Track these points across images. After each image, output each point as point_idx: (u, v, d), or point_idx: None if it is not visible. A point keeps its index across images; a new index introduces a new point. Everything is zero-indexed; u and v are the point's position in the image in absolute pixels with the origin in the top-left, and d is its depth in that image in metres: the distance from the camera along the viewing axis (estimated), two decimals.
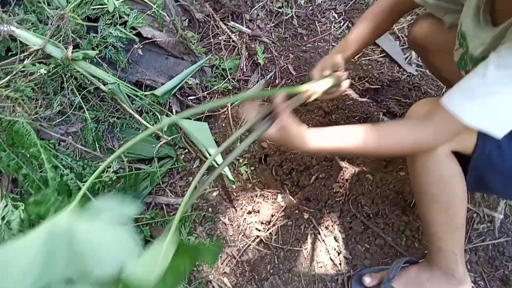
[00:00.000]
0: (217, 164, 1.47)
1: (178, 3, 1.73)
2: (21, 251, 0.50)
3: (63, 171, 1.19)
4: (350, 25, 2.00)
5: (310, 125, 1.62)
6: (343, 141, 0.95)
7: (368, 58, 1.89)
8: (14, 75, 1.33)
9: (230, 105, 1.68)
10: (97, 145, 1.44)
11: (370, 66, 1.85)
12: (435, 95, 1.74)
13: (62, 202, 1.04)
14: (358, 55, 1.60)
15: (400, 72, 1.82)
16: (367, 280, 1.30)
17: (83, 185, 1.24)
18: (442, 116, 0.86)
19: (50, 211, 1.04)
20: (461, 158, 1.01)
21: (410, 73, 1.83)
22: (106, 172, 1.38)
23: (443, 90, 1.77)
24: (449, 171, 1.01)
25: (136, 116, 1.49)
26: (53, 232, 0.52)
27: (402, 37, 1.94)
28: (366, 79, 1.81)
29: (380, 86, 1.81)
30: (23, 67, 1.34)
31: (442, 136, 0.91)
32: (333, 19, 2.02)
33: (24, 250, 0.50)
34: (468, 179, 1.02)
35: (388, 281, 1.24)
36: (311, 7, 2.03)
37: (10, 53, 1.41)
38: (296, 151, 1.26)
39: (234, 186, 1.48)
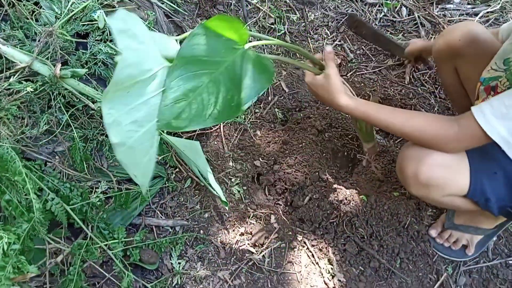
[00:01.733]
0: (208, 183, 1.45)
1: (170, 19, 1.71)
2: None
3: (48, 195, 1.14)
4: (342, 41, 2.00)
5: (304, 143, 1.61)
6: (375, 110, 1.08)
7: (360, 74, 1.89)
8: None
9: (223, 124, 1.66)
10: (85, 165, 1.39)
11: (362, 84, 1.85)
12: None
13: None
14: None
15: (392, 90, 1.82)
16: (433, 232, 1.43)
17: (70, 208, 1.20)
18: (470, 123, 0.95)
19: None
20: None
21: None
22: (94, 192, 1.34)
23: (435, 109, 1.77)
24: (448, 198, 1.13)
25: None
26: None
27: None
28: (359, 97, 1.81)
29: None
30: (9, 85, 1.30)
31: (461, 139, 1.00)
32: (325, 36, 2.02)
33: None
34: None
35: (449, 220, 1.40)
36: (303, 24, 2.02)
37: None
38: (328, 105, 1.30)
39: (226, 208, 1.44)
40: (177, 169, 1.55)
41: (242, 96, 0.81)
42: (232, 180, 1.54)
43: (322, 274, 1.36)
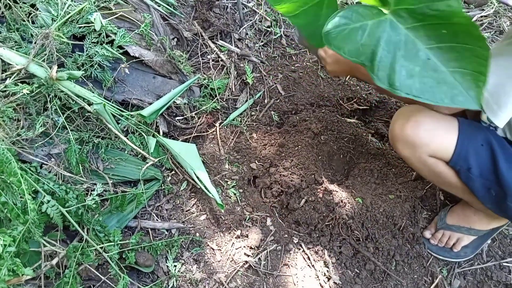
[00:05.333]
0: (204, 186, 1.45)
1: (166, 21, 1.71)
2: None
3: (44, 197, 1.14)
4: None
5: (300, 146, 1.61)
6: None
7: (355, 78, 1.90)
8: None
9: (219, 126, 1.66)
10: (80, 167, 1.39)
11: (358, 87, 1.86)
12: None
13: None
14: None
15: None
16: (427, 233, 1.45)
17: (66, 210, 1.20)
18: None
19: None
20: None
21: None
22: (90, 195, 1.33)
23: None
24: (431, 160, 1.16)
25: (122, 136, 1.46)
26: None
27: None
28: (355, 100, 1.82)
29: (368, 107, 1.82)
30: (5, 87, 1.30)
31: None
32: None
33: None
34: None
35: (441, 220, 1.43)
36: None
37: None
38: (346, 66, 1.33)
39: (222, 210, 1.44)
40: (173, 172, 1.55)
41: None
42: (228, 182, 1.54)
43: (318, 277, 1.36)
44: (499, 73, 0.96)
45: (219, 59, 1.81)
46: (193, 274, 1.34)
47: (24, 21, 1.40)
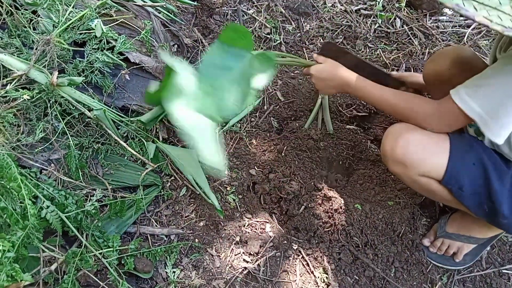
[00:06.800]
0: (204, 192, 1.45)
1: (166, 28, 1.73)
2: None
3: (43, 202, 1.14)
4: None
5: (299, 152, 1.62)
6: (370, 83, 1.25)
7: None
8: None
9: (218, 132, 1.66)
10: (80, 173, 1.39)
11: None
12: None
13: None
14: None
15: None
16: (426, 241, 1.45)
17: (65, 216, 1.20)
18: (447, 101, 1.04)
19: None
20: None
21: None
22: (89, 200, 1.33)
23: None
24: (423, 180, 1.16)
25: (121, 142, 1.46)
26: None
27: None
28: (354, 106, 1.83)
29: (367, 114, 1.82)
30: (6, 92, 1.30)
31: (440, 115, 1.09)
32: (321, 46, 2.04)
33: None
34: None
35: (441, 228, 1.42)
36: (299, 34, 2.05)
37: None
38: (333, 86, 1.37)
39: (221, 217, 1.44)
40: (173, 178, 1.55)
41: (252, 88, 1.09)
42: (228, 188, 1.54)
43: (317, 283, 1.36)
44: (499, 91, 0.96)
45: None
46: (192, 280, 1.33)
47: (25, 27, 1.41)
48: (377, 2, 2.17)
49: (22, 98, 1.30)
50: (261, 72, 1.12)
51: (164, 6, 1.83)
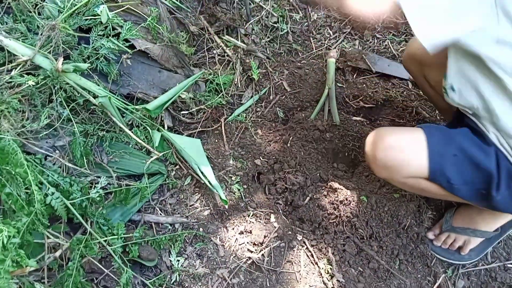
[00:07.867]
0: (208, 181, 1.44)
1: (173, 15, 1.70)
2: None
3: (48, 189, 1.13)
4: (344, 42, 2.00)
5: (304, 143, 1.60)
6: None
7: (362, 77, 1.88)
8: (1, 86, 1.27)
9: (224, 121, 1.65)
10: (85, 160, 1.39)
11: (364, 85, 1.84)
12: (428, 116, 1.74)
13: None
14: None
15: (394, 91, 1.82)
16: (430, 234, 1.44)
17: (70, 203, 1.19)
18: None
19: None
20: None
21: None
22: (94, 188, 1.33)
23: (436, 111, 1.77)
24: (411, 180, 1.14)
25: (126, 130, 1.45)
26: None
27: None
28: (361, 98, 1.81)
29: (374, 105, 1.80)
30: (10, 78, 1.29)
31: None
32: (328, 36, 2.01)
33: None
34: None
35: (446, 222, 1.41)
36: (306, 23, 2.02)
37: None
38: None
39: (226, 206, 1.44)
40: (178, 166, 1.55)
41: None
42: (233, 178, 1.53)
43: (321, 274, 1.36)
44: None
45: (225, 54, 1.80)
46: (196, 269, 1.33)
47: (30, 12, 1.40)
48: None
49: (27, 84, 1.29)
50: None
51: None
